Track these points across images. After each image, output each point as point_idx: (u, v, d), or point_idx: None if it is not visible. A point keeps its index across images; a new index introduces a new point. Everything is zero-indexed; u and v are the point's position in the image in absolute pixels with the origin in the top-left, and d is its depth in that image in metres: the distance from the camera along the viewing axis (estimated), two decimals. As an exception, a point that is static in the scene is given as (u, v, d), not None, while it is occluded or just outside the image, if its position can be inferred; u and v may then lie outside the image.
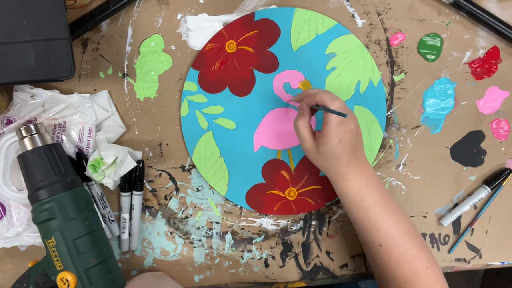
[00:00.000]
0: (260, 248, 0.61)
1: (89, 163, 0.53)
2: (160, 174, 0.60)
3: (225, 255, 0.61)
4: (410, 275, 0.50)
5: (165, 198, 0.60)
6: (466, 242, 0.62)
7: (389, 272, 0.51)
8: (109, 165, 0.53)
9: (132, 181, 0.57)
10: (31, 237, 0.55)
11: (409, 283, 0.50)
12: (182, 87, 0.58)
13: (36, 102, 0.55)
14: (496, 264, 0.63)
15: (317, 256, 0.62)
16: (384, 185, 0.61)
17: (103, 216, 0.57)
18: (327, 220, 0.61)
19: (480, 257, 0.63)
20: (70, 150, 0.55)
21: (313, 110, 0.53)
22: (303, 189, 0.60)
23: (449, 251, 0.62)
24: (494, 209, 0.62)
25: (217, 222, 0.61)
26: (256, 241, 0.61)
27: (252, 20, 0.57)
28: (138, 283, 0.53)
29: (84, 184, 0.55)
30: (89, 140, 0.56)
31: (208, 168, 0.59)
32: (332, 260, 0.62)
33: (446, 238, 0.62)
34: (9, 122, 0.54)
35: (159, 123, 0.59)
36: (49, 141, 0.51)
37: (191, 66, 0.57)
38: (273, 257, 0.62)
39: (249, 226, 0.61)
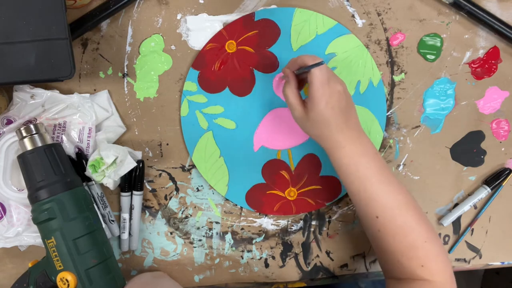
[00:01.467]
0: (260, 248, 0.61)
1: (89, 163, 0.53)
2: (160, 174, 0.60)
3: (225, 255, 0.61)
4: (407, 249, 0.48)
5: (165, 198, 0.60)
6: (466, 242, 0.62)
7: (387, 245, 0.49)
8: (109, 165, 0.53)
9: (132, 181, 0.57)
10: (31, 237, 0.55)
11: (407, 257, 0.48)
12: (182, 87, 0.58)
13: (36, 102, 0.55)
14: (496, 264, 0.63)
15: (317, 256, 0.62)
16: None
17: (103, 216, 0.57)
18: (327, 220, 0.61)
19: (480, 257, 0.63)
20: (70, 150, 0.55)
21: (300, 81, 0.52)
22: (303, 189, 0.60)
23: (449, 251, 0.62)
24: (494, 209, 0.62)
25: (217, 222, 0.61)
26: (256, 241, 0.61)
27: (252, 20, 0.57)
28: (138, 283, 0.53)
29: (84, 184, 0.55)
30: (89, 140, 0.55)
31: (208, 168, 0.59)
32: (332, 260, 0.62)
33: (446, 238, 0.62)
34: (9, 122, 0.54)
35: (159, 123, 0.59)
36: (49, 141, 0.51)
37: (191, 66, 0.57)
38: (273, 257, 0.62)
39: (249, 226, 0.61)
